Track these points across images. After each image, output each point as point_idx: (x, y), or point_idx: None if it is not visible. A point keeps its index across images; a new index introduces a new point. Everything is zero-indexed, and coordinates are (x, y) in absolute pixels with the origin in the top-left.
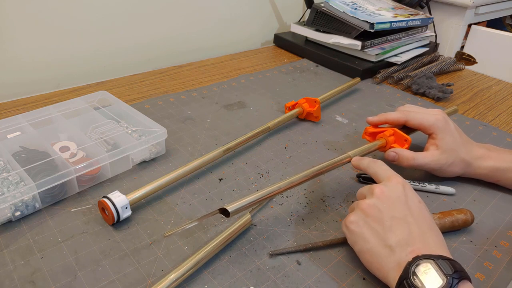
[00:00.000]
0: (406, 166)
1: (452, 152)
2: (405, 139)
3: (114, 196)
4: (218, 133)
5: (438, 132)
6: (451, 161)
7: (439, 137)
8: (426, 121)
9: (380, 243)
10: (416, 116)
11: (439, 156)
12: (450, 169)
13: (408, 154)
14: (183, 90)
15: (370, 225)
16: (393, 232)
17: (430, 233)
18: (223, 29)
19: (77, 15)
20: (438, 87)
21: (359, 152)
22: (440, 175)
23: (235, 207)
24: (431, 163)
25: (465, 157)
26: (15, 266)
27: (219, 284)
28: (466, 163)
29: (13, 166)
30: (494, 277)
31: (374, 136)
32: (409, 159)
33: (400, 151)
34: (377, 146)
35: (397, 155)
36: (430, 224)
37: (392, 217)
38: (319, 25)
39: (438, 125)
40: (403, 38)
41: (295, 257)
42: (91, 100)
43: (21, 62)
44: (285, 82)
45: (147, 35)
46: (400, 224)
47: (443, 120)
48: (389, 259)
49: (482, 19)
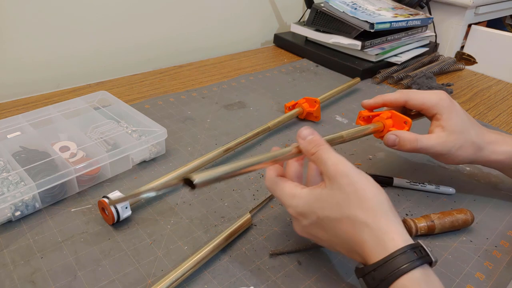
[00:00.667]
0: (409, 150)
1: (461, 134)
2: (405, 121)
3: (114, 196)
4: (218, 133)
5: (443, 111)
6: (460, 144)
7: (444, 117)
8: (429, 100)
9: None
10: (417, 95)
11: (446, 138)
12: (459, 154)
13: (410, 135)
14: (183, 90)
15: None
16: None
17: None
18: (223, 29)
19: (77, 15)
20: (438, 87)
21: (351, 134)
22: (447, 161)
23: (202, 178)
24: (437, 146)
25: (476, 140)
26: (15, 266)
27: (219, 284)
28: (477, 147)
29: (13, 166)
30: (494, 277)
31: (369, 120)
32: (411, 141)
33: (401, 133)
34: (371, 129)
35: (398, 137)
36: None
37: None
38: (319, 25)
39: (442, 104)
40: (403, 38)
41: (295, 257)
42: (91, 100)
43: (21, 62)
44: (285, 82)
45: (147, 35)
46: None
47: (448, 99)
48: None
49: (482, 19)
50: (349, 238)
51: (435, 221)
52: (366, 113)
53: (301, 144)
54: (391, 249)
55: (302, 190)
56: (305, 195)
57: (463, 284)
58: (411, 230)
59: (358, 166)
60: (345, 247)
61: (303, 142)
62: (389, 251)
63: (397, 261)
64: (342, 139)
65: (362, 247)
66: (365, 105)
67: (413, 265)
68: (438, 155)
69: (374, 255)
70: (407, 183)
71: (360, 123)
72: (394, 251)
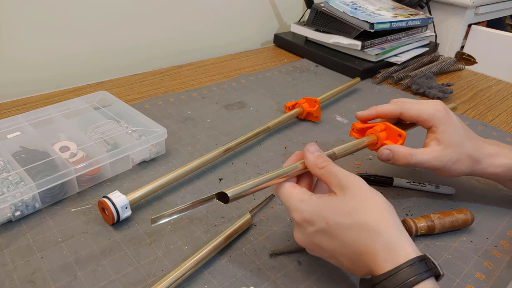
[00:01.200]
0: (403, 164)
1: (457, 147)
2: (399, 134)
3: (114, 196)
4: (218, 133)
5: (439, 124)
6: (456, 158)
7: (440, 130)
8: (425, 112)
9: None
10: (412, 106)
11: (441, 152)
12: (455, 168)
13: (405, 150)
14: (183, 90)
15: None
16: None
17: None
18: (223, 29)
19: (77, 15)
20: (438, 87)
21: (344, 149)
22: (443, 175)
23: (235, 191)
24: (432, 161)
25: (473, 153)
26: (15, 266)
27: (219, 284)
28: (474, 160)
29: (13, 166)
30: (494, 277)
31: (363, 132)
32: (406, 156)
33: (395, 147)
34: (365, 143)
35: (392, 152)
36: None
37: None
38: (319, 25)
39: (438, 116)
40: (403, 38)
41: (295, 257)
42: (91, 100)
43: (21, 62)
44: (285, 82)
45: (147, 35)
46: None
47: (444, 111)
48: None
49: (482, 19)
50: (358, 247)
51: (435, 221)
52: (360, 125)
53: (309, 158)
54: (403, 258)
55: (311, 196)
56: (315, 200)
57: (463, 284)
58: (411, 230)
59: (358, 166)
60: (350, 257)
61: (312, 157)
62: (401, 261)
63: (409, 271)
64: (334, 156)
65: (372, 256)
66: (360, 116)
67: (423, 277)
68: (434, 169)
69: (384, 265)
70: (407, 183)
71: (353, 135)
72: (405, 261)
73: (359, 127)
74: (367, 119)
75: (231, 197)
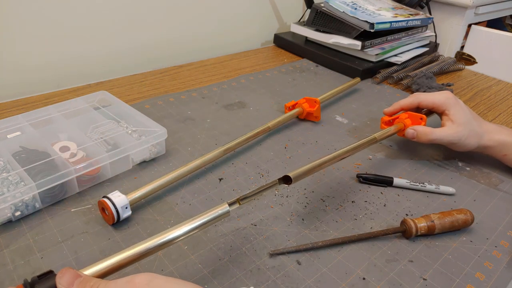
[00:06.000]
0: (425, 141)
1: (467, 125)
2: (421, 117)
3: (114, 196)
4: (218, 133)
5: (450, 108)
6: (467, 134)
7: (452, 112)
8: (438, 100)
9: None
10: (427, 97)
11: (456, 128)
12: (467, 142)
13: (426, 129)
14: (183, 90)
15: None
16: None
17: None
18: (223, 29)
19: (77, 15)
20: (438, 87)
21: (382, 133)
22: (458, 148)
23: (297, 173)
24: (449, 136)
25: (478, 129)
26: (15, 266)
27: (219, 284)
28: (479, 136)
29: (13, 166)
30: (494, 277)
31: (391, 124)
32: (427, 134)
33: (418, 127)
34: (397, 129)
35: (416, 131)
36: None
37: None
38: (319, 25)
39: (449, 102)
40: (403, 38)
41: (295, 257)
42: (91, 100)
43: (21, 62)
44: (285, 82)
45: (147, 35)
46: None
47: (453, 98)
48: None
49: (482, 19)
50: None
51: (435, 221)
52: (387, 118)
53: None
54: None
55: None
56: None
57: (463, 284)
58: (411, 230)
59: (358, 166)
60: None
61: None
62: None
63: None
64: (375, 140)
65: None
66: (387, 112)
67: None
68: (451, 143)
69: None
70: (407, 183)
71: (384, 127)
72: None
73: (386, 119)
74: (392, 113)
75: (294, 179)
